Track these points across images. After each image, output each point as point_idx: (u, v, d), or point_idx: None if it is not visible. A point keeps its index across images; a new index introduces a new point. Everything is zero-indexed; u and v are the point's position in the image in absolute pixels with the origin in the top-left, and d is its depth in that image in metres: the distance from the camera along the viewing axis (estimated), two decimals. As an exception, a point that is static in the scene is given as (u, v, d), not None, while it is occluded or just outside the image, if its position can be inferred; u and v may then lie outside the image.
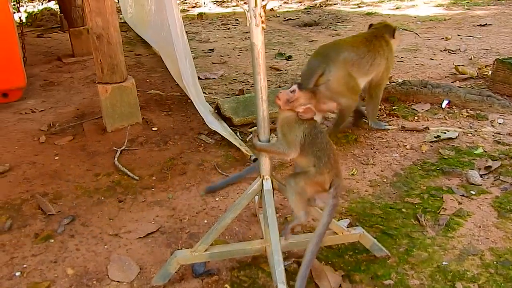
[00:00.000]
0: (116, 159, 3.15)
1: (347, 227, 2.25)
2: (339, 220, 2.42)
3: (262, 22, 1.67)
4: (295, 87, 1.87)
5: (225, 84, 4.76)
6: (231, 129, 3.53)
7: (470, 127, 3.48)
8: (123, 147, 3.31)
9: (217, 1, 11.13)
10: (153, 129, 3.62)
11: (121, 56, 3.49)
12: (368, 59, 3.18)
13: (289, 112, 1.88)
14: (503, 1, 8.40)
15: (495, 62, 4.07)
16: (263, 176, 1.90)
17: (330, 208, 1.88)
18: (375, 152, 3.19)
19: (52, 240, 2.39)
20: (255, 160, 3.08)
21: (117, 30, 3.41)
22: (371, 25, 3.53)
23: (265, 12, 1.67)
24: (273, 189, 1.94)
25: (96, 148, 3.38)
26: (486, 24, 6.70)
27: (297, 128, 1.86)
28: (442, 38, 6.05)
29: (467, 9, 7.98)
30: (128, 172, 2.99)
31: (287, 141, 1.85)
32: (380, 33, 3.34)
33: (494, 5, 8.11)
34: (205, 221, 2.52)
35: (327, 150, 1.88)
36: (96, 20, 3.31)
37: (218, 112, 3.76)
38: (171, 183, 2.89)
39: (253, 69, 1.75)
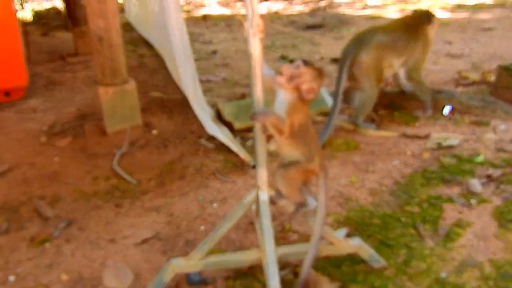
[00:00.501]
0: (115, 162, 3.14)
1: (345, 237, 2.23)
2: (337, 229, 2.40)
3: (260, 32, 1.66)
4: (300, 62, 1.79)
5: (227, 87, 4.75)
6: (232, 134, 3.51)
7: (472, 134, 3.45)
8: (123, 150, 3.30)
9: (222, 2, 11.12)
10: (154, 131, 3.61)
11: (122, 59, 3.48)
12: (401, 42, 3.48)
13: (289, 94, 1.79)
14: (507, 5, 8.34)
15: (499, 68, 4.03)
16: (259, 186, 1.89)
17: (324, 188, 1.94)
18: (375, 159, 3.17)
19: (48, 244, 2.38)
20: (254, 166, 3.07)
21: (118, 33, 3.40)
22: (415, 11, 3.79)
23: (263, 22, 1.65)
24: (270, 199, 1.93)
25: (96, 150, 3.38)
26: (490, 28, 6.65)
27: (297, 116, 1.81)
28: (445, 42, 6.01)
29: (471, 12, 7.93)
30: (127, 176, 2.98)
31: (288, 122, 1.80)
32: (418, 19, 3.61)
33: (499, 9, 8.05)
34: (202, 227, 2.50)
35: (314, 136, 1.93)
36: (98, 22, 3.30)
37: (219, 116, 3.74)
38: (170, 188, 2.88)
39: (251, 80, 1.73)
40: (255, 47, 1.67)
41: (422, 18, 3.62)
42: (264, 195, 1.88)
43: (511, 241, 2.28)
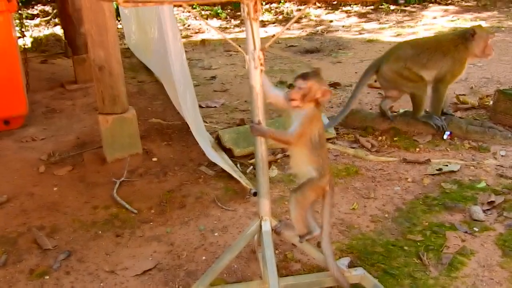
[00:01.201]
0: (115, 191, 3.12)
1: (348, 267, 2.21)
2: (339, 258, 2.37)
3: (261, 65, 1.67)
4: (300, 80, 1.81)
5: (226, 113, 4.76)
6: (232, 160, 3.51)
7: (472, 159, 3.46)
8: (122, 179, 3.29)
9: (220, 27, 11.24)
10: (153, 159, 3.60)
11: (122, 87, 3.49)
12: (425, 55, 3.67)
13: (308, 106, 1.83)
14: (503, 28, 8.45)
15: (496, 93, 4.06)
16: (261, 217, 1.87)
17: (330, 206, 2.03)
18: (376, 185, 3.16)
19: (48, 277, 2.35)
20: (255, 193, 3.05)
21: (119, 62, 3.42)
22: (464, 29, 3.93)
23: (264, 56, 1.66)
24: (272, 230, 1.91)
25: (95, 179, 3.36)
26: (486, 52, 6.72)
27: (315, 124, 1.86)
28: (443, 67, 6.06)
29: (467, 36, 8.05)
30: (127, 205, 2.96)
31: (300, 131, 1.82)
32: (457, 36, 3.73)
33: (495, 32, 8.16)
34: (204, 257, 2.47)
35: (326, 151, 2.00)
36: (99, 53, 3.33)
37: (219, 142, 3.74)
38: (170, 217, 2.86)
39: (251, 111, 1.74)
40: (256, 80, 1.68)
41: (462, 35, 3.69)
42: (267, 225, 1.87)
43: (516, 270, 2.26)
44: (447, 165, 3.34)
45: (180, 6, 1.88)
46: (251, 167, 3.44)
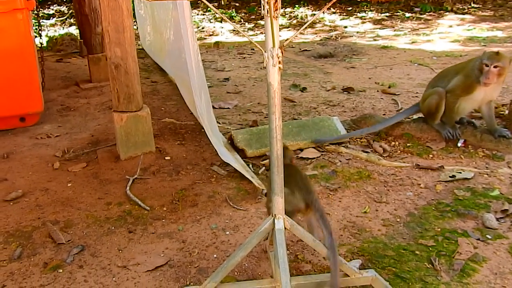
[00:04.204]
0: (128, 188, 3.15)
1: (359, 268, 2.20)
2: (350, 260, 2.37)
3: (279, 62, 1.68)
4: None
5: (239, 114, 4.78)
6: (244, 161, 3.53)
7: (486, 167, 3.43)
8: (136, 176, 3.32)
9: (234, 30, 11.30)
10: (166, 158, 3.63)
11: (137, 86, 3.53)
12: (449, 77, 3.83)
13: None
14: (519, 38, 8.39)
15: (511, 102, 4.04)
16: (275, 215, 1.88)
17: (323, 219, 2.09)
18: (388, 190, 3.15)
19: (61, 270, 2.38)
20: (266, 194, 3.07)
21: (135, 61, 3.46)
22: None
23: (283, 53, 1.68)
24: (285, 228, 1.92)
25: (108, 176, 3.39)
26: (502, 61, 6.68)
27: None
28: (457, 74, 6.02)
29: (483, 45, 7.97)
30: (140, 202, 2.99)
31: None
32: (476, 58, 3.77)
33: (510, 43, 8.11)
34: (215, 255, 2.49)
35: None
36: (115, 50, 3.37)
37: (231, 143, 3.76)
38: (182, 215, 2.88)
39: (268, 108, 1.75)
40: (274, 78, 1.69)
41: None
42: (280, 223, 1.88)
43: (529, 278, 2.24)
44: (460, 173, 3.32)
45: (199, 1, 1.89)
46: (263, 168, 3.46)
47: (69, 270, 2.38)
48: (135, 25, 8.66)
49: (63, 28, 11.02)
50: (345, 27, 10.98)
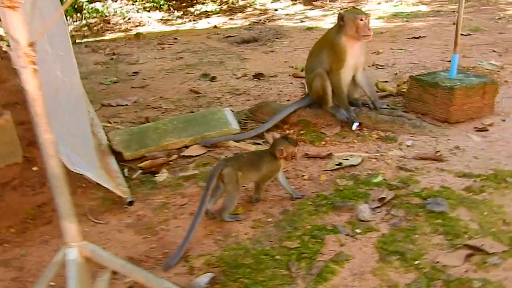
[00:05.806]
0: (-24, 208, 2.80)
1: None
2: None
3: (33, 63, 1.38)
4: None
5: (136, 111, 4.46)
6: (121, 165, 3.22)
7: (377, 151, 3.25)
8: (-10, 193, 2.97)
9: (162, 19, 10.86)
10: (34, 168, 3.27)
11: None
12: (317, 55, 3.71)
13: None
14: (442, 12, 8.32)
15: (410, 79, 3.87)
16: (66, 242, 1.60)
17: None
18: (269, 185, 2.91)
19: None
20: (130, 202, 2.80)
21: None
22: None
23: (34, 51, 1.38)
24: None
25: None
26: (420, 36, 6.56)
27: None
28: (373, 52, 5.86)
29: (406, 21, 7.85)
30: (-17, 225, 2.65)
31: None
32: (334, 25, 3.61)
33: (432, 16, 8.02)
34: (54, 283, 2.19)
35: None
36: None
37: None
38: (31, 236, 2.57)
39: (34, 122, 1.45)
40: (29, 81, 1.39)
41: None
42: (73, 253, 1.59)
43: (387, 279, 2.05)
44: (347, 159, 3.13)
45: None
46: (140, 171, 3.17)
47: None
48: None
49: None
50: (276, 9, 10.73)
